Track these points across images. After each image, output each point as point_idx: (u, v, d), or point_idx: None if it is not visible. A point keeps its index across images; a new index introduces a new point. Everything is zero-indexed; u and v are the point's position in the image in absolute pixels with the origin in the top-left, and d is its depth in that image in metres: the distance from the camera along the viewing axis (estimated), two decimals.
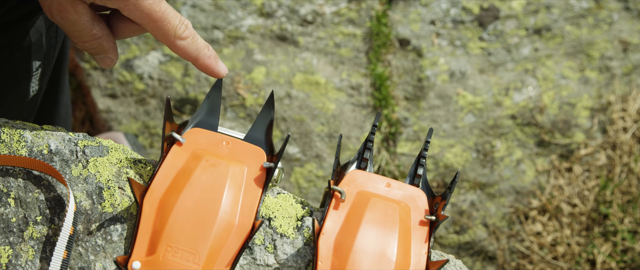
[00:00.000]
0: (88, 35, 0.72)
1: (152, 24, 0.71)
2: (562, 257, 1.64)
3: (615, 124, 1.74)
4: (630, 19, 1.84)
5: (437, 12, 1.82)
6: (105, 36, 0.74)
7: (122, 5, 0.70)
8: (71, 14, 0.71)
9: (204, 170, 0.73)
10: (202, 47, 0.74)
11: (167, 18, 0.71)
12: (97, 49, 0.74)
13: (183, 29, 0.72)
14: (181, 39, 0.73)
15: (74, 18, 0.71)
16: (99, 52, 0.75)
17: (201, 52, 0.74)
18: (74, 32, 0.72)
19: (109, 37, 0.74)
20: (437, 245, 1.65)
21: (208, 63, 0.75)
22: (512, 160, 1.71)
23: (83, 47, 0.74)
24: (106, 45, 0.74)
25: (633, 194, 1.68)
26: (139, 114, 1.71)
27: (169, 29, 0.72)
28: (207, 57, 0.74)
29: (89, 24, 0.72)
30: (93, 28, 0.72)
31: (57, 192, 0.73)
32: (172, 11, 0.71)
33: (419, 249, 0.74)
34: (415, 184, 0.80)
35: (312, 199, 1.66)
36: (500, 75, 1.77)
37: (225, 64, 1.71)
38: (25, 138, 0.75)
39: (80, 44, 0.74)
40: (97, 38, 0.73)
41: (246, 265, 0.73)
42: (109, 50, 0.75)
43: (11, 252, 0.70)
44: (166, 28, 0.71)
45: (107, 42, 0.74)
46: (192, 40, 0.73)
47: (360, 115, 1.72)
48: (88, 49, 0.74)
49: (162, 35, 0.72)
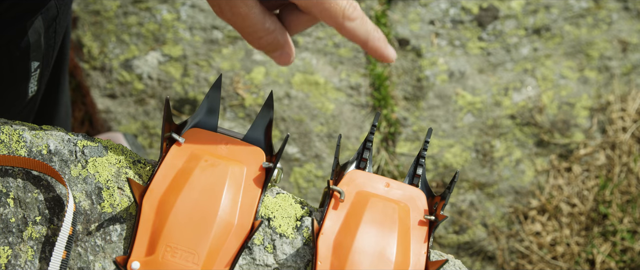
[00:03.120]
0: (262, 30, 0.71)
1: (319, 6, 0.69)
2: (562, 257, 1.64)
3: (615, 123, 1.74)
4: (629, 18, 1.84)
5: (436, 12, 1.82)
6: (278, 29, 0.72)
7: None
8: (242, 8, 0.69)
9: (203, 171, 0.73)
10: (371, 29, 0.71)
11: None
12: (272, 43, 0.73)
13: (351, 10, 0.70)
14: (350, 20, 0.70)
15: (245, 11, 0.69)
16: (275, 48, 0.73)
17: (371, 35, 0.71)
18: (247, 28, 0.71)
19: (283, 30, 0.73)
20: (436, 245, 1.65)
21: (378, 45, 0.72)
22: (511, 160, 1.71)
23: (259, 44, 0.73)
24: (281, 39, 0.73)
25: (632, 194, 1.68)
26: (138, 114, 1.71)
27: (337, 10, 0.69)
28: (377, 39, 0.72)
29: (260, 17, 0.70)
30: (265, 22, 0.71)
31: (56, 192, 0.73)
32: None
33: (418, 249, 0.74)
34: (415, 184, 0.80)
35: (311, 199, 1.66)
36: (500, 75, 1.77)
37: (224, 64, 1.71)
38: (25, 138, 0.75)
39: (255, 41, 0.72)
40: (271, 32, 0.71)
41: (245, 265, 0.73)
42: (284, 45, 0.73)
43: (10, 253, 0.70)
44: (334, 9, 0.69)
45: (281, 36, 0.72)
46: (361, 22, 0.71)
47: (359, 115, 1.72)
48: (264, 45, 0.73)
49: (330, 17, 0.69)
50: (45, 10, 0.93)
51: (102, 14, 1.76)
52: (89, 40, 1.75)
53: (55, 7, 0.94)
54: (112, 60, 1.73)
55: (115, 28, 1.75)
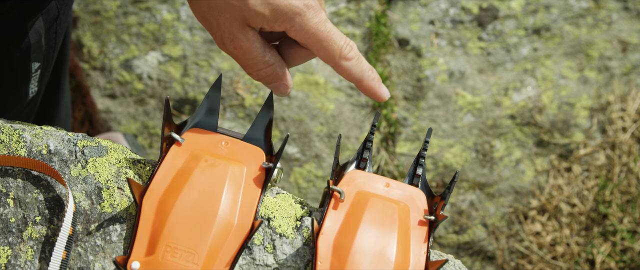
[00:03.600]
0: (261, 62, 0.73)
1: (317, 44, 0.72)
2: (562, 257, 1.64)
3: (615, 123, 1.74)
4: (629, 18, 1.84)
5: (436, 12, 1.82)
6: (277, 62, 0.75)
7: (288, 26, 0.71)
8: (243, 42, 0.72)
9: (203, 170, 0.73)
10: (366, 69, 0.74)
11: (332, 38, 0.72)
12: (271, 75, 0.75)
13: (348, 49, 0.73)
14: (346, 60, 0.73)
15: (246, 46, 0.72)
16: (274, 80, 0.76)
17: (365, 74, 0.74)
18: (247, 60, 0.73)
19: (281, 63, 0.75)
20: (436, 245, 1.65)
21: (372, 85, 0.75)
22: (511, 160, 1.71)
23: (258, 75, 0.75)
24: (279, 71, 0.75)
25: (632, 194, 1.68)
26: (138, 114, 1.71)
27: (335, 49, 0.72)
28: (371, 79, 0.75)
29: (261, 51, 0.73)
30: (265, 55, 0.73)
31: (56, 192, 0.73)
32: (337, 32, 0.72)
33: (418, 249, 0.74)
34: (415, 184, 0.80)
35: (311, 199, 1.66)
36: (500, 75, 1.77)
37: (224, 64, 1.71)
38: (25, 138, 0.75)
39: (254, 73, 0.75)
40: (270, 64, 0.74)
41: (245, 265, 0.73)
42: (283, 77, 0.76)
43: (10, 253, 0.70)
44: (332, 48, 0.72)
45: (280, 69, 0.75)
46: (356, 62, 0.74)
47: (359, 115, 1.72)
48: (262, 77, 0.75)
49: (327, 56, 0.72)
50: (46, 11, 0.93)
51: (102, 14, 1.77)
52: (89, 41, 1.75)
53: (56, 7, 0.94)
54: (112, 61, 1.73)
55: (115, 28, 1.76)
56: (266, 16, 0.70)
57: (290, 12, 0.70)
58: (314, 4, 0.70)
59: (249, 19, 0.70)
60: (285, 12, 0.69)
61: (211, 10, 0.71)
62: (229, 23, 0.71)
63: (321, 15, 0.71)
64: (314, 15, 0.70)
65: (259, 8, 0.69)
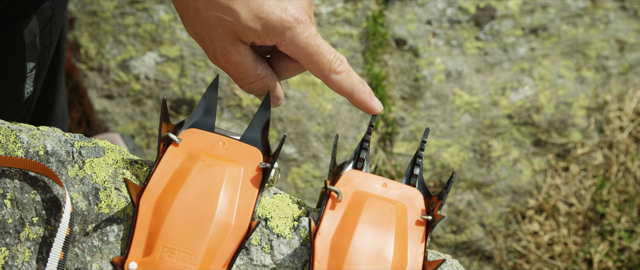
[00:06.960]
0: (253, 76, 0.74)
1: (307, 58, 0.72)
2: (559, 257, 1.65)
3: (612, 123, 1.75)
4: (626, 18, 1.84)
5: (434, 12, 1.82)
6: (269, 75, 0.76)
7: (279, 40, 0.71)
8: (235, 56, 0.73)
9: (201, 171, 0.73)
10: (356, 82, 0.75)
11: (322, 52, 0.72)
12: (262, 88, 0.76)
13: (338, 63, 0.74)
14: (336, 74, 0.74)
15: (238, 59, 0.73)
16: (265, 93, 0.77)
17: (356, 88, 0.75)
18: (239, 74, 0.74)
19: (273, 76, 0.76)
20: (434, 245, 1.65)
21: (363, 98, 0.75)
22: (508, 159, 1.71)
23: (249, 88, 0.76)
24: (271, 84, 0.76)
25: (630, 193, 1.68)
26: (136, 115, 1.71)
27: (324, 63, 0.73)
28: (362, 92, 0.75)
29: (252, 64, 0.74)
30: (257, 68, 0.74)
31: (53, 193, 0.73)
32: (327, 46, 0.73)
33: (415, 248, 0.74)
34: (412, 184, 0.80)
35: (308, 199, 1.66)
36: (497, 74, 1.77)
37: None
38: (22, 139, 0.75)
39: (246, 86, 0.76)
40: (261, 78, 0.75)
41: (243, 265, 0.73)
42: (274, 89, 0.77)
43: (7, 254, 0.70)
44: (322, 62, 0.73)
45: (271, 81, 0.76)
46: (347, 75, 0.74)
47: (356, 116, 1.72)
48: (254, 90, 0.76)
49: (317, 70, 0.73)
50: (40, 11, 0.93)
51: (99, 14, 1.76)
52: (86, 41, 1.75)
53: (50, 7, 0.94)
54: (109, 61, 1.73)
55: (113, 29, 1.75)
56: (257, 31, 0.70)
57: (281, 26, 0.70)
58: (304, 18, 0.71)
59: (241, 34, 0.71)
60: (275, 27, 0.70)
61: (203, 25, 0.72)
62: (221, 38, 0.71)
63: (311, 30, 0.72)
64: (304, 30, 0.71)
65: (250, 23, 0.70)
